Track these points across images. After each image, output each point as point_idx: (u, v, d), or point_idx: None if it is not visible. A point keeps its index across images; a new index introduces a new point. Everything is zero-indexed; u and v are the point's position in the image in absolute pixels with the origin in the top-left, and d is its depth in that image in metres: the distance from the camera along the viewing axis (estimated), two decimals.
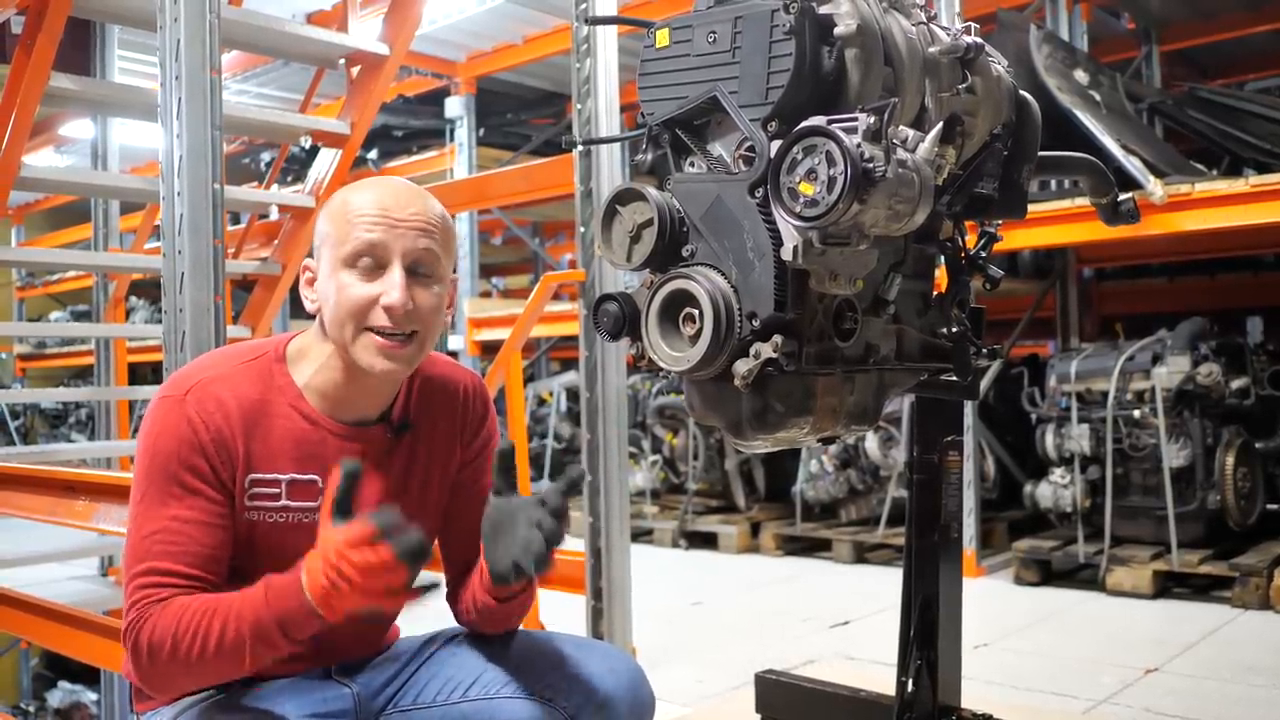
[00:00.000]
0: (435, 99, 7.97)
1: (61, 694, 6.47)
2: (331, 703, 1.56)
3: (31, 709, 6.54)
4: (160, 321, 2.58)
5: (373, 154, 8.16)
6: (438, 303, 1.53)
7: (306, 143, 4.10)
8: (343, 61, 4.01)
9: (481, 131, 8.01)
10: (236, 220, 6.25)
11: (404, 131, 8.33)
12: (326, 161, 4.07)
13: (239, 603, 1.37)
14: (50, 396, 10.12)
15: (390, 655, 1.69)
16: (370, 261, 1.48)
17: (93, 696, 6.08)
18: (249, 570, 1.43)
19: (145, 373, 8.88)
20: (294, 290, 4.85)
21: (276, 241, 4.18)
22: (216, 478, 1.45)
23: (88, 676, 6.00)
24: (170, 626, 1.36)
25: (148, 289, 10.22)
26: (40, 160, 7.87)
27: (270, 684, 1.53)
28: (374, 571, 1.28)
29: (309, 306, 1.55)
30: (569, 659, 1.59)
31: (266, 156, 8.26)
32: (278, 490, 1.49)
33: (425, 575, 1.44)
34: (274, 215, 4.46)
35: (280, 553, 1.43)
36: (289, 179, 8.06)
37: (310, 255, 1.57)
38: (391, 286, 1.47)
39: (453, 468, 1.66)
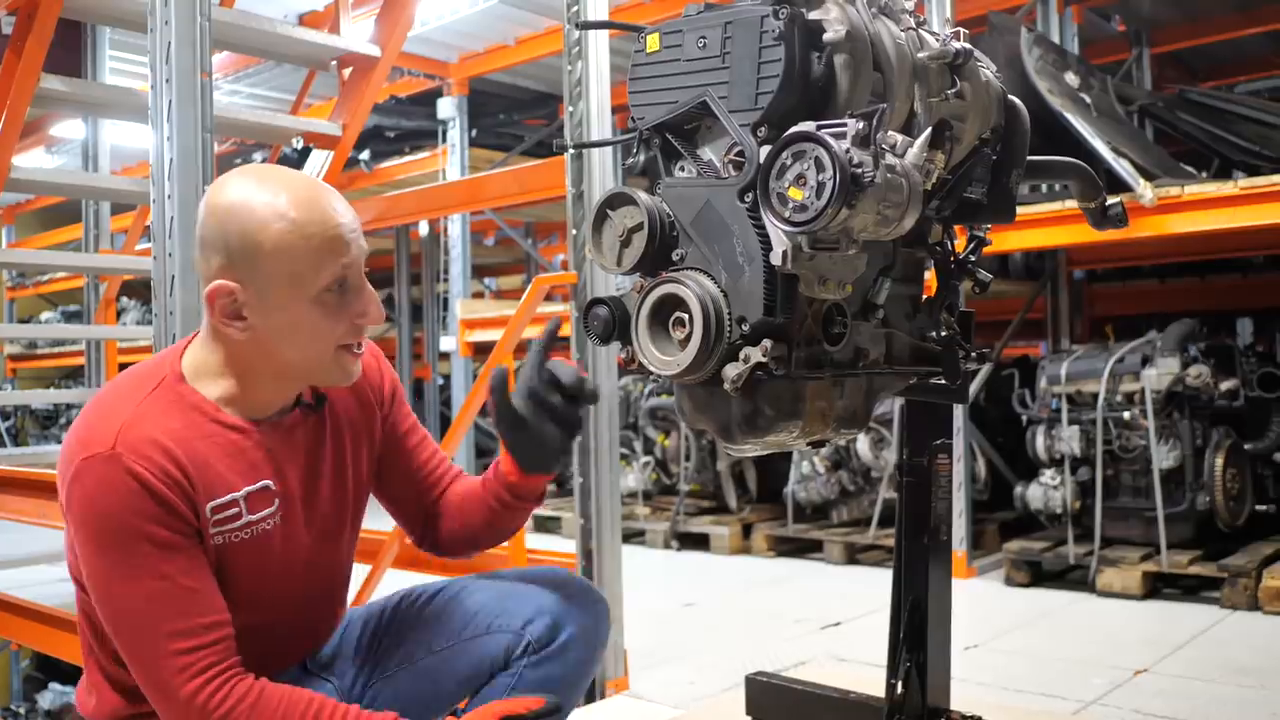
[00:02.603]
0: (427, 100, 7.96)
1: (53, 695, 6.44)
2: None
3: (22, 711, 6.51)
4: (151, 323, 2.58)
5: (364, 155, 8.15)
6: None
7: (298, 144, 4.10)
8: (334, 63, 4.01)
9: (474, 132, 8.00)
10: None
11: (396, 132, 8.31)
12: (319, 163, 4.06)
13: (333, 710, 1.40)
14: (41, 399, 10.08)
15: (347, 636, 1.71)
16: (344, 284, 1.45)
17: None
18: (229, 591, 1.42)
19: None
20: None
21: None
22: (184, 522, 1.39)
23: (78, 678, 5.98)
24: (276, 712, 1.36)
25: (139, 290, 10.20)
26: (31, 160, 7.85)
27: None
28: None
29: (237, 337, 1.44)
30: (515, 589, 1.67)
31: (258, 157, 8.24)
32: (238, 509, 1.45)
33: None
34: None
35: (255, 568, 1.44)
36: None
37: (230, 278, 1.42)
38: (368, 302, 1.47)
39: (376, 424, 1.67)
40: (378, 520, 2.08)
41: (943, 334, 1.82)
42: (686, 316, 1.50)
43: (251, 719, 1.34)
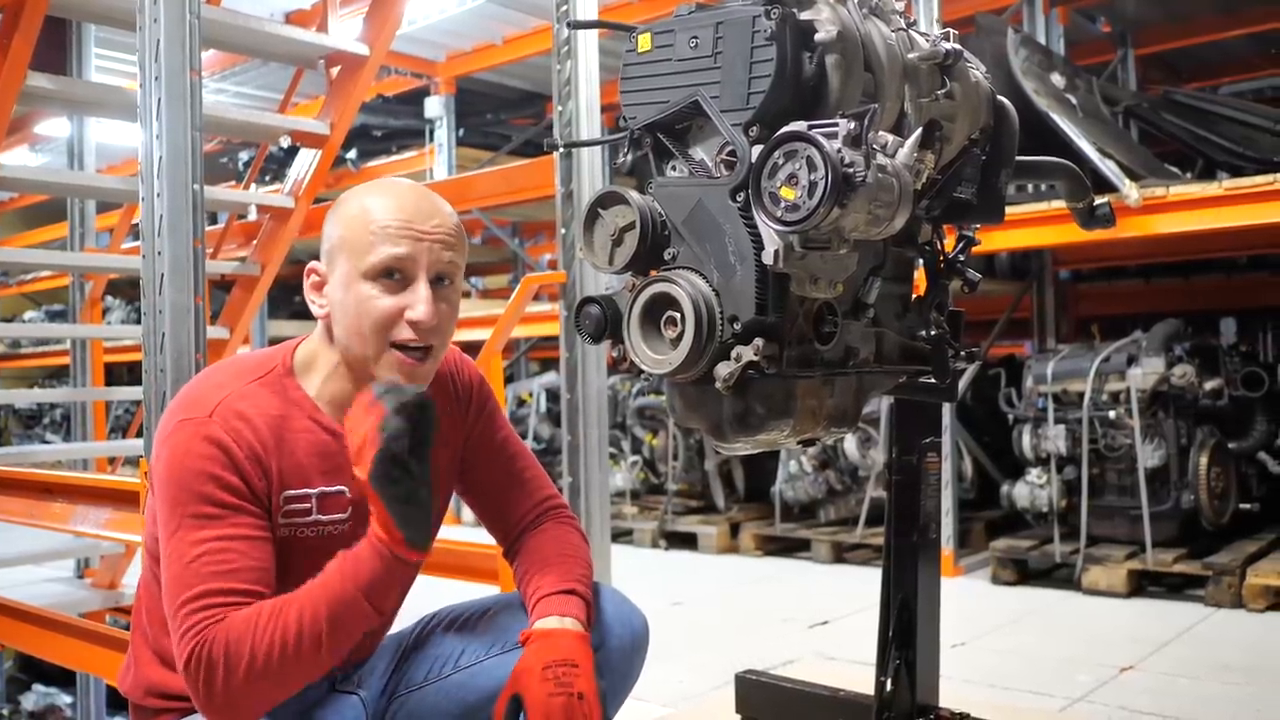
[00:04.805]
0: (415, 99, 7.95)
1: (36, 697, 6.40)
2: (353, 714, 1.58)
3: (5, 712, 6.47)
4: (137, 321, 2.57)
5: (352, 154, 8.12)
6: (455, 313, 1.55)
7: (285, 143, 4.09)
8: (322, 61, 4.00)
9: (461, 131, 8.00)
10: (214, 220, 6.21)
11: (383, 131, 8.29)
12: (306, 162, 4.05)
13: (315, 591, 1.36)
14: (26, 398, 10.02)
15: (378, 654, 1.71)
16: (396, 275, 1.47)
17: (67, 700, 6.03)
18: (285, 588, 1.42)
19: (121, 373, 8.81)
20: (272, 291, 4.80)
21: (255, 242, 4.16)
22: (253, 493, 1.42)
23: (62, 680, 5.94)
24: (244, 636, 1.33)
25: (124, 289, 10.14)
26: (15, 159, 7.80)
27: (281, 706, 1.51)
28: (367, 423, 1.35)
29: (316, 312, 1.52)
30: None
31: (244, 156, 8.21)
32: (309, 505, 1.48)
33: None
34: (252, 215, 4.44)
35: (314, 570, 1.43)
36: (267, 179, 8.02)
37: (317, 258, 1.54)
38: (418, 300, 1.47)
39: (457, 444, 1.69)
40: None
41: (932, 333, 1.83)
42: (678, 315, 1.51)
43: (224, 663, 1.33)
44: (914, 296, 1.87)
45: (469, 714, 1.68)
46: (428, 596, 1.91)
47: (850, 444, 5.42)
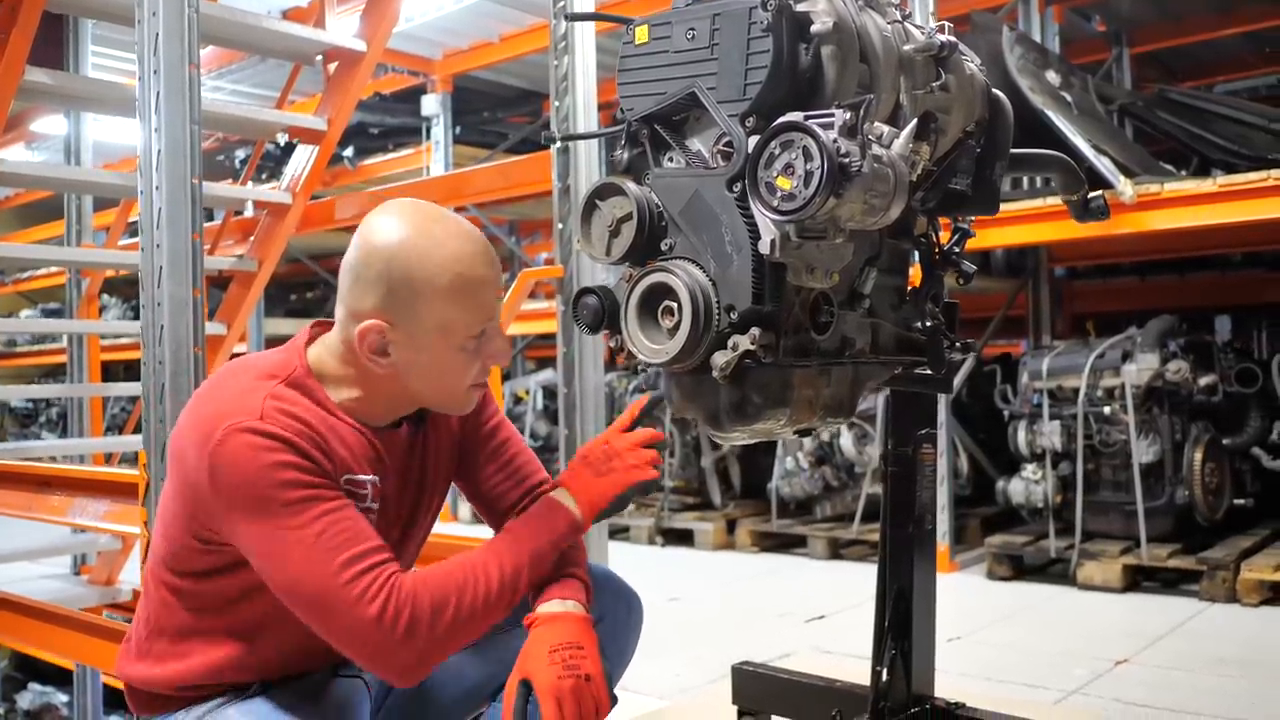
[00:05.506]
0: (411, 96, 7.95)
1: (32, 696, 6.40)
2: (358, 697, 1.59)
3: (2, 711, 6.47)
4: (134, 318, 2.58)
5: (348, 151, 8.13)
6: None
7: (282, 140, 4.10)
8: (320, 57, 4.01)
9: (458, 129, 8.00)
10: (210, 217, 6.21)
11: (380, 129, 8.30)
12: (303, 158, 4.06)
13: (509, 545, 1.50)
14: (24, 394, 10.00)
15: None
16: (486, 331, 1.52)
17: (63, 698, 6.03)
18: None
19: (118, 371, 8.81)
20: (268, 288, 4.78)
21: (252, 238, 4.17)
22: (327, 475, 1.42)
23: (59, 678, 5.94)
24: (445, 585, 1.40)
25: (121, 287, 10.13)
26: (12, 156, 7.79)
27: (283, 690, 1.52)
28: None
29: (377, 370, 1.49)
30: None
31: (241, 154, 8.21)
32: (366, 492, 1.50)
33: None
34: (249, 212, 4.45)
35: None
36: (263, 176, 8.02)
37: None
38: (499, 351, 1.55)
39: (457, 432, 1.71)
40: None
41: (928, 324, 1.84)
42: (675, 305, 1.52)
43: (430, 611, 1.38)
44: (910, 288, 1.89)
45: (468, 696, 1.70)
46: None
47: (846, 440, 5.44)
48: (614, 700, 1.52)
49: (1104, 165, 4.51)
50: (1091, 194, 2.11)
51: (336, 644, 1.40)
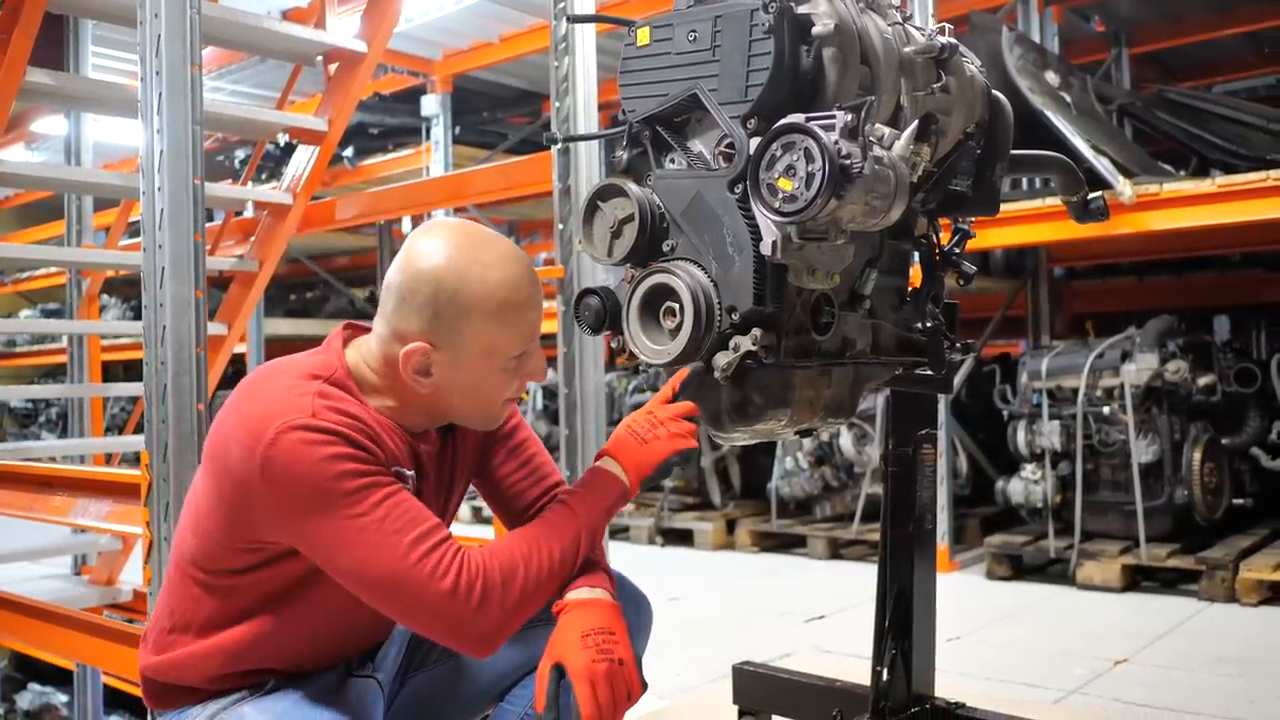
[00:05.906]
0: (411, 97, 7.95)
1: (32, 696, 6.39)
2: (371, 697, 1.60)
3: (1, 711, 6.47)
4: (135, 319, 2.58)
5: (348, 151, 8.13)
6: None
7: (282, 140, 4.10)
8: (320, 58, 4.01)
9: (457, 130, 8.00)
10: (210, 217, 6.21)
11: (380, 129, 8.30)
12: (304, 159, 4.07)
13: (556, 516, 1.52)
14: (24, 394, 9.98)
15: (390, 640, 1.73)
16: (527, 352, 1.53)
17: (63, 699, 6.02)
18: None
19: (117, 371, 8.80)
20: (269, 289, 4.77)
21: (253, 238, 4.17)
22: (381, 464, 1.44)
23: (59, 678, 5.94)
24: (513, 555, 1.43)
25: (121, 287, 10.13)
26: (12, 157, 7.79)
27: (299, 689, 1.52)
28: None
29: (419, 389, 1.50)
30: None
31: (241, 154, 8.21)
32: (409, 486, 1.50)
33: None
34: (249, 212, 4.45)
35: None
36: (264, 176, 8.02)
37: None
38: (538, 370, 1.56)
39: (479, 444, 1.72)
40: None
41: (928, 325, 1.85)
42: (677, 306, 1.53)
43: (501, 581, 1.40)
44: (910, 289, 1.89)
45: (481, 694, 1.70)
46: None
47: (846, 440, 5.44)
48: (644, 686, 1.53)
49: (1103, 166, 4.52)
50: (1091, 195, 2.12)
51: (412, 623, 1.43)
